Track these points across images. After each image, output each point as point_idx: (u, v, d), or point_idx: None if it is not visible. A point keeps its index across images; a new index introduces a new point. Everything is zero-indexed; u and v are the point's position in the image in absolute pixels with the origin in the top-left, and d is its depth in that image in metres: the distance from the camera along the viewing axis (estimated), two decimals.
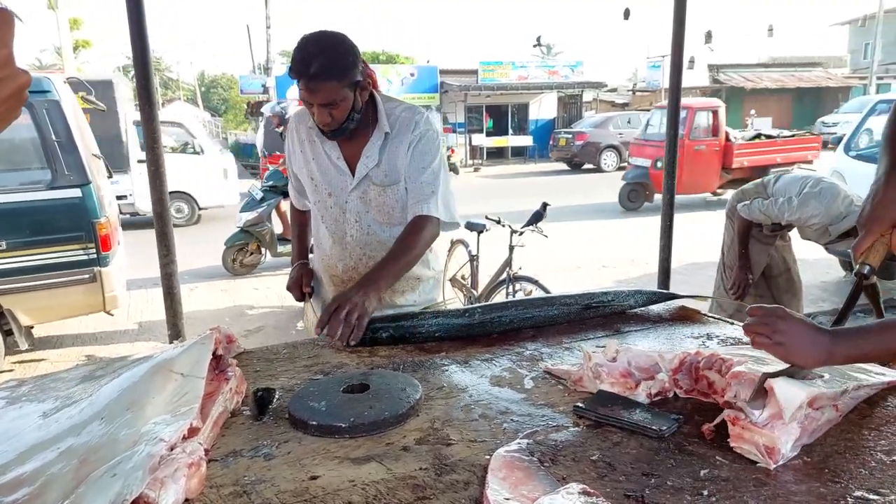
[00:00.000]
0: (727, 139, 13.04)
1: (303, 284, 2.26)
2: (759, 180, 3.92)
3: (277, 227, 8.08)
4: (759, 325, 1.17)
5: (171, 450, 1.03)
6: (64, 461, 1.04)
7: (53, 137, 4.72)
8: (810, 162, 13.36)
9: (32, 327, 5.34)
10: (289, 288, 2.31)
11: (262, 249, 8.01)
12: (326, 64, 1.83)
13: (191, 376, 1.26)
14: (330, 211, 2.13)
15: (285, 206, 8.48)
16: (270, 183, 7.93)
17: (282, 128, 8.08)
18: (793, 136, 14.20)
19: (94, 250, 4.83)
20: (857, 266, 1.34)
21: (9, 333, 4.82)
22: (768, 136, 13.77)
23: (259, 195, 7.85)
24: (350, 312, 1.69)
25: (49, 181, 4.78)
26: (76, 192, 4.79)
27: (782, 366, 1.18)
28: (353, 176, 2.06)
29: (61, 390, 1.33)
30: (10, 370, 5.16)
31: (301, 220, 2.39)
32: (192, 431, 1.11)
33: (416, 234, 1.98)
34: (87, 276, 4.86)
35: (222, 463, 1.12)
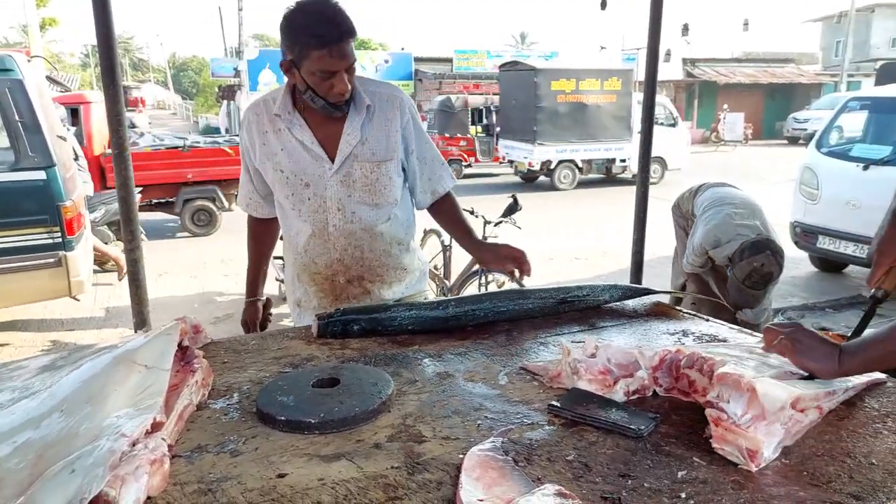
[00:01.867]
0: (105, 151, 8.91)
1: (257, 327, 2.21)
2: (694, 185, 4.01)
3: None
4: (782, 334, 1.27)
5: (133, 445, 0.99)
6: (19, 456, 1.00)
7: (16, 118, 4.59)
8: None
9: None
10: (245, 326, 2.22)
11: None
12: (348, 22, 1.75)
13: (155, 368, 1.22)
14: (308, 203, 1.97)
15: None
16: None
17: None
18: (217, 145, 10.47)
19: (59, 234, 4.73)
20: (873, 291, 1.55)
21: None
22: (170, 147, 10.00)
23: None
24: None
25: (12, 163, 4.65)
26: (40, 175, 4.68)
27: (767, 367, 1.19)
28: (333, 159, 1.93)
29: (19, 381, 1.27)
30: None
31: (262, 235, 2.24)
32: (156, 426, 1.07)
33: (460, 208, 2.22)
34: (51, 260, 4.76)
35: (187, 459, 1.08)
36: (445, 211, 2.19)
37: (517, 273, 2.05)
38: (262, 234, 2.23)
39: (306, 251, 2.02)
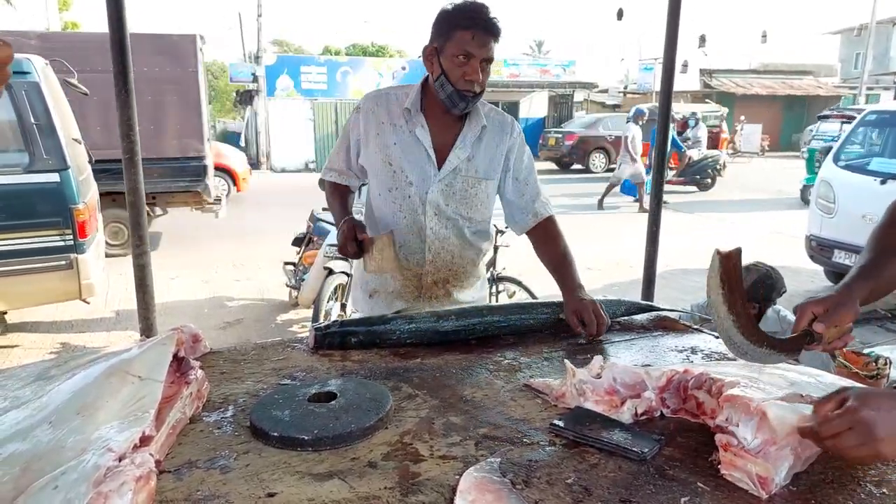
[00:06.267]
0: None
1: (357, 234, 1.94)
2: None
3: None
4: (838, 435, 0.98)
5: (120, 460, 0.96)
6: (4, 469, 0.97)
7: (32, 120, 4.62)
8: None
9: (6, 313, 5.24)
10: (342, 247, 1.98)
11: None
12: (495, 22, 1.91)
13: (148, 379, 1.19)
14: (408, 201, 2.06)
15: None
16: None
17: None
18: None
19: (70, 237, 4.74)
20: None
21: None
22: None
23: None
24: (596, 312, 1.79)
25: (26, 165, 4.67)
26: (54, 177, 4.70)
27: (778, 388, 1.13)
28: (441, 167, 2.04)
29: (10, 390, 1.25)
30: None
31: (341, 190, 2.20)
32: (145, 440, 1.04)
33: (562, 234, 2.13)
34: (63, 262, 4.77)
35: (175, 475, 1.06)
36: (551, 240, 2.12)
37: (584, 333, 1.81)
38: (341, 192, 2.20)
39: (400, 246, 2.08)
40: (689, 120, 16.64)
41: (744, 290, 1.19)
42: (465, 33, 1.88)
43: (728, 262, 1.13)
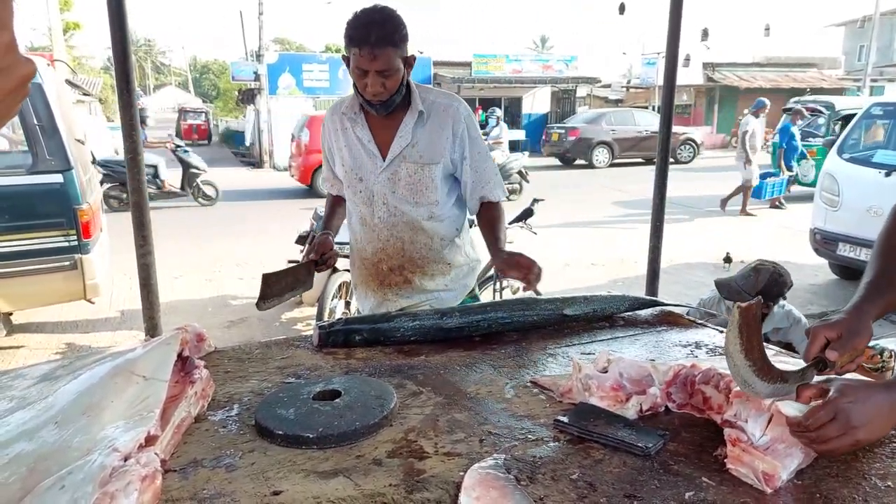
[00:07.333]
0: None
1: (317, 251, 2.19)
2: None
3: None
4: (823, 426, 1.03)
5: (126, 460, 0.97)
6: (11, 469, 0.98)
7: (35, 121, 4.62)
8: None
9: (11, 314, 5.25)
10: (308, 254, 2.24)
11: None
12: (386, 32, 1.88)
13: (153, 379, 1.20)
14: (360, 195, 2.18)
15: None
16: None
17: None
18: None
19: (74, 237, 4.75)
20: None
21: None
22: None
23: None
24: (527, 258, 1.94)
25: (30, 166, 4.68)
26: (58, 178, 4.70)
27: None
28: (385, 158, 2.10)
29: (16, 390, 1.26)
30: None
31: (333, 200, 2.41)
32: (150, 440, 1.04)
33: (502, 218, 2.19)
34: (67, 263, 4.78)
35: (181, 474, 1.06)
36: (486, 217, 2.20)
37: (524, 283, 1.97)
38: (336, 205, 2.41)
39: (359, 238, 2.26)
40: (489, 118, 14.88)
41: (761, 333, 1.17)
42: (354, 49, 1.90)
43: (748, 315, 1.12)
